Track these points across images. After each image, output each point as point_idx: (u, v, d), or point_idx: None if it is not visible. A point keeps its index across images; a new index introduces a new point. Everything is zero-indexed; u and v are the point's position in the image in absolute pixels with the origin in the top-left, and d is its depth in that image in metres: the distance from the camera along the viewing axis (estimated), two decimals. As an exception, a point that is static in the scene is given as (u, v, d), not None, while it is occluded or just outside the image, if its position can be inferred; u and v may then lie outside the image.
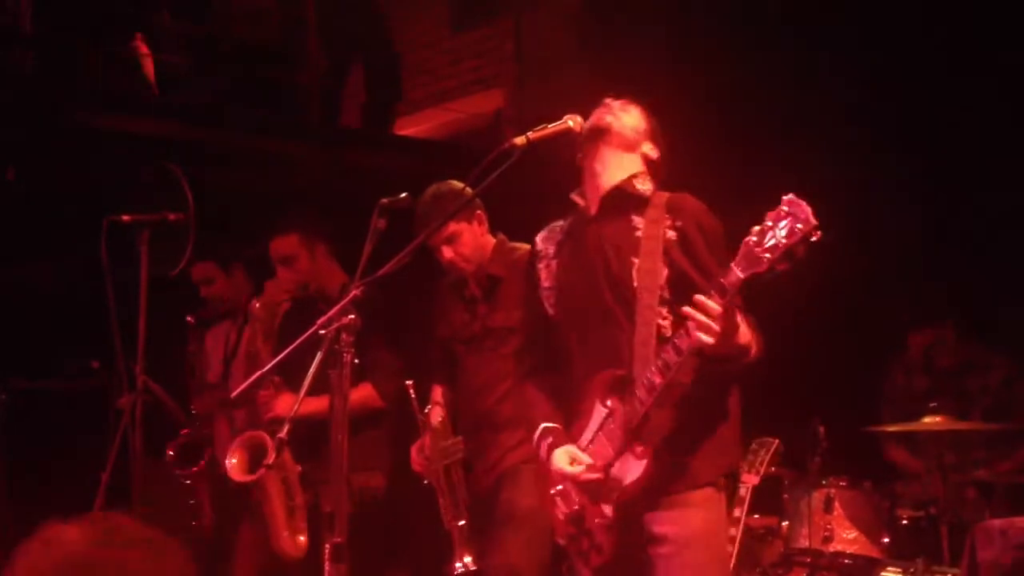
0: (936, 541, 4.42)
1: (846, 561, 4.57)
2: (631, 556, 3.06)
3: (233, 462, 4.29)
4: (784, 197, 2.66)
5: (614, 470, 3.04)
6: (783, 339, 3.14)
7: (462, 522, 4.09)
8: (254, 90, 6.54)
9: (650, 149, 3.20)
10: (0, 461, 4.80)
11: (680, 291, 2.98)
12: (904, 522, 4.68)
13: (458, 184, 4.03)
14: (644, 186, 3.16)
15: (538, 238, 3.37)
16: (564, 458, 3.11)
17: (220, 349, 5.09)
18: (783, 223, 2.63)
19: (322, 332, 2.98)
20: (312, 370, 2.98)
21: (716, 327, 2.75)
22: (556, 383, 3.28)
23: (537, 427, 3.24)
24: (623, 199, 3.15)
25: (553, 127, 3.06)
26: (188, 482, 4.82)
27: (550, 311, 3.27)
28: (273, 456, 3.52)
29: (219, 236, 4.83)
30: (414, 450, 4.22)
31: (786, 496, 4.89)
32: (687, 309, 2.78)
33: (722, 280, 2.75)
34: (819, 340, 5.56)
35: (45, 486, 4.89)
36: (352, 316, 2.97)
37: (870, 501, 4.68)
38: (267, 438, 4.20)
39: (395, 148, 6.77)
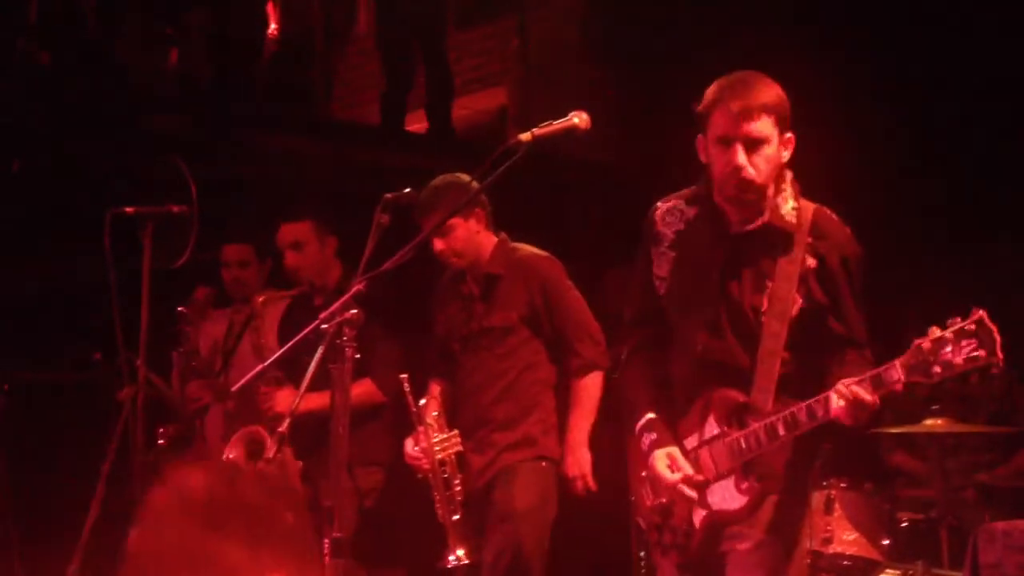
0: (936, 544, 4.40)
1: (845, 563, 4.54)
2: (714, 554, 2.99)
3: (231, 457, 4.28)
4: (977, 314, 2.55)
5: (709, 490, 2.96)
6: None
7: (456, 516, 4.08)
8: (262, 85, 6.53)
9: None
10: (1, 452, 4.78)
11: (810, 322, 2.89)
12: (904, 524, 4.65)
13: (464, 177, 4.02)
14: (789, 207, 2.94)
15: (657, 216, 3.11)
16: (664, 462, 2.98)
17: (220, 338, 5.06)
18: (966, 343, 2.53)
19: (324, 327, 2.98)
20: (313, 365, 2.97)
21: (863, 416, 2.71)
22: (658, 373, 3.13)
23: (636, 411, 3.10)
24: (773, 234, 2.94)
25: (559, 124, 3.02)
26: None
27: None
28: (273, 451, 3.52)
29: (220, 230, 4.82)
30: (407, 444, 4.20)
31: (786, 497, 4.87)
32: (838, 392, 2.69)
33: (881, 373, 2.68)
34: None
35: (46, 477, 4.89)
36: (355, 311, 2.96)
37: (870, 503, 4.65)
38: (266, 434, 4.19)
39: (401, 144, 6.75)
